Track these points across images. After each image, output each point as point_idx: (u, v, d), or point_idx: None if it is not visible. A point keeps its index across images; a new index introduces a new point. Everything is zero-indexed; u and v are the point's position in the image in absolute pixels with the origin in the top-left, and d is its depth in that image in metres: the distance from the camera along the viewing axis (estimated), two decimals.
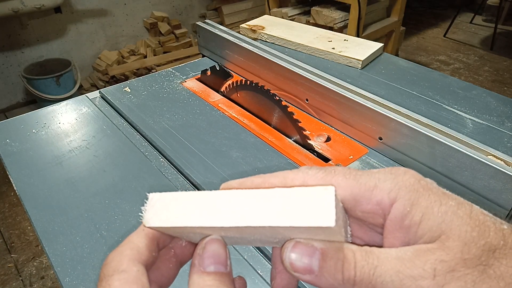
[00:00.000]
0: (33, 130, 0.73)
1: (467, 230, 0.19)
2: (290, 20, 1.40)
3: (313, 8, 2.19)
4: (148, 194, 0.23)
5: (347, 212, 0.23)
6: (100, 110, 0.79)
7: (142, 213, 0.23)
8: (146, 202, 0.23)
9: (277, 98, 0.71)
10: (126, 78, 2.63)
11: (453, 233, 0.19)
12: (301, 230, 0.20)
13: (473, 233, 0.19)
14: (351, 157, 0.66)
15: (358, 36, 2.09)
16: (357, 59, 0.90)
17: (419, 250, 0.19)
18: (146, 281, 0.21)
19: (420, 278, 0.19)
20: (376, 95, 0.68)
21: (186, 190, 0.59)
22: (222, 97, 0.83)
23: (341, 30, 2.15)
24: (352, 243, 0.22)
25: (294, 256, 0.21)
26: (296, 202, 0.20)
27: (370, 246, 0.21)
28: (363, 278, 0.20)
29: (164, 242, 0.24)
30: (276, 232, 0.21)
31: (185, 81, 0.88)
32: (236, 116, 0.76)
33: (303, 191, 0.20)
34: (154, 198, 0.23)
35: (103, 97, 0.83)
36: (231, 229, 0.21)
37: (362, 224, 0.23)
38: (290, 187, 0.21)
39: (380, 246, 0.21)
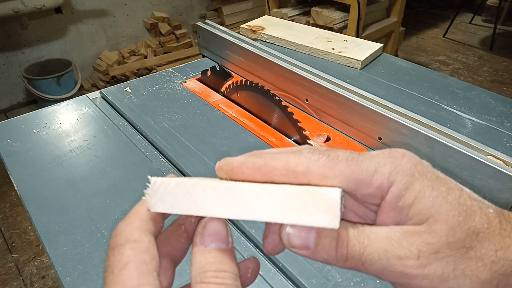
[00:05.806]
0: (34, 130, 0.74)
1: (454, 215, 0.20)
2: (290, 20, 1.40)
3: (313, 8, 2.20)
4: (149, 178, 0.23)
5: (347, 194, 0.23)
6: (101, 110, 0.79)
7: (145, 196, 0.23)
8: (148, 186, 0.23)
9: (277, 98, 0.71)
10: (127, 78, 2.64)
11: (441, 217, 0.20)
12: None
13: (459, 217, 0.20)
14: None
15: (357, 36, 2.09)
16: (356, 60, 0.90)
17: (407, 232, 0.21)
18: (156, 252, 0.22)
19: (405, 258, 0.20)
20: (376, 95, 0.68)
21: None
22: (222, 97, 0.83)
23: (340, 30, 2.16)
24: (345, 219, 0.23)
25: (292, 233, 0.22)
26: (303, 201, 0.21)
27: (363, 223, 0.23)
28: (354, 256, 0.21)
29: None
30: None
31: (186, 82, 0.89)
32: (236, 116, 0.76)
33: (311, 191, 0.21)
34: (157, 183, 0.23)
35: (103, 97, 0.84)
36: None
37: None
38: (295, 180, 0.22)
39: (372, 222, 0.23)
